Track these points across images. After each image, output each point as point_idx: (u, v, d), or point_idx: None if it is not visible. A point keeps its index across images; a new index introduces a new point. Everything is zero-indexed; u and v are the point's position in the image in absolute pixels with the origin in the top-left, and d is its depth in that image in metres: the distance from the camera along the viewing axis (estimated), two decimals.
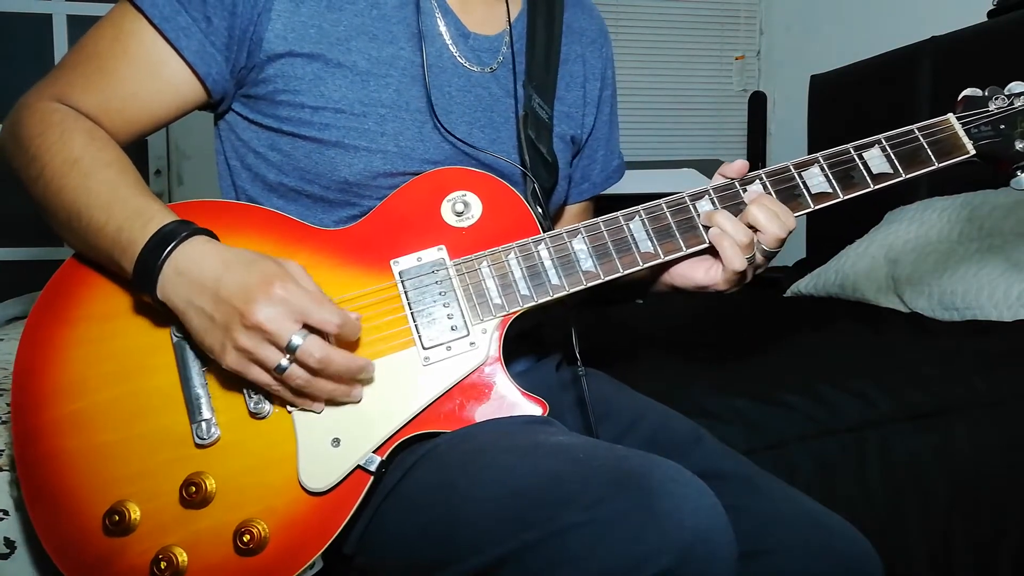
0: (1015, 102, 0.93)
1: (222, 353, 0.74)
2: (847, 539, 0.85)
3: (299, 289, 0.73)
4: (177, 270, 0.74)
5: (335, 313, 0.73)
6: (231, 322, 0.72)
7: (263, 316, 0.71)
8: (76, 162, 0.80)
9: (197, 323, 0.74)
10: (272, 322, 0.71)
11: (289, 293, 0.72)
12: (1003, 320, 1.70)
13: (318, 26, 0.87)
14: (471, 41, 0.96)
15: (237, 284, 0.72)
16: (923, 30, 2.38)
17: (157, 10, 0.83)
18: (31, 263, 2.90)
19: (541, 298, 0.85)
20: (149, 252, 0.75)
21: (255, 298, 0.71)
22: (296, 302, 0.72)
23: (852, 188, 0.90)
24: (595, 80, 1.09)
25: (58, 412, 0.79)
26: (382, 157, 0.88)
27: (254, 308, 0.71)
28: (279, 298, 0.71)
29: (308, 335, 0.72)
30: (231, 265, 0.74)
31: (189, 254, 0.75)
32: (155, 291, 0.75)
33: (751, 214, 0.87)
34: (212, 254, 0.75)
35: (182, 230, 0.76)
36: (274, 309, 0.71)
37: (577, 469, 0.70)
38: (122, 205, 0.78)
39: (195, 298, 0.74)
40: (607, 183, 1.16)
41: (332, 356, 0.73)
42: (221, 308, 0.72)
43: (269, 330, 0.71)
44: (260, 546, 0.75)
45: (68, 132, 0.82)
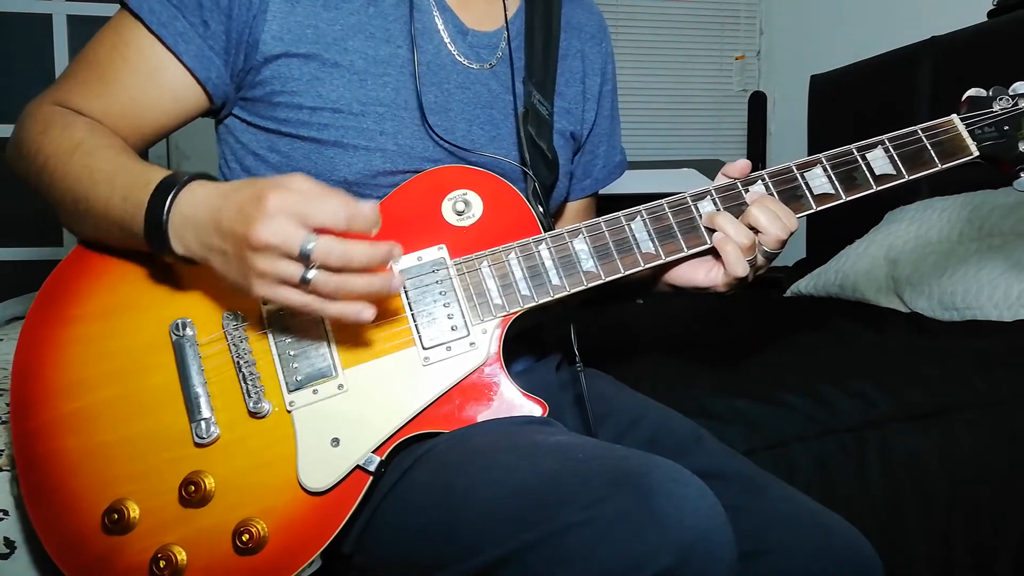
0: (1019, 103, 0.92)
1: (248, 284, 0.71)
2: (847, 539, 0.85)
3: (293, 194, 0.68)
4: (183, 216, 0.73)
5: (338, 206, 0.68)
6: (242, 250, 0.69)
7: (266, 232, 0.67)
8: (78, 146, 0.80)
9: (217, 263, 0.72)
10: (276, 235, 0.67)
11: (283, 201, 0.67)
12: (1003, 320, 1.70)
13: (314, 26, 0.86)
14: (469, 38, 0.96)
15: (234, 210, 0.70)
16: (923, 30, 2.38)
17: (155, 16, 0.84)
18: (31, 263, 2.90)
19: (542, 298, 0.85)
20: (153, 208, 0.74)
21: (252, 217, 0.68)
22: (293, 207, 0.67)
23: (855, 189, 0.89)
24: (595, 75, 1.09)
25: (57, 412, 0.79)
26: (382, 156, 0.88)
27: (255, 228, 0.67)
28: (275, 209, 0.67)
29: (319, 236, 0.68)
30: (224, 194, 0.72)
31: (189, 198, 0.73)
32: (171, 245, 0.74)
33: (752, 215, 0.86)
34: (207, 191, 0.73)
35: (180, 177, 0.75)
36: (274, 222, 0.67)
37: (577, 469, 0.70)
38: (124, 175, 0.78)
39: (205, 238, 0.72)
40: (609, 179, 1.16)
41: (351, 249, 0.69)
42: (228, 239, 0.70)
43: (276, 244, 0.67)
44: (259, 545, 0.75)
45: (70, 125, 0.82)
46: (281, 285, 0.70)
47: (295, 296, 0.70)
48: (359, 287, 0.71)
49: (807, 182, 0.89)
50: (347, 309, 0.72)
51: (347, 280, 0.70)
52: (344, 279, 0.70)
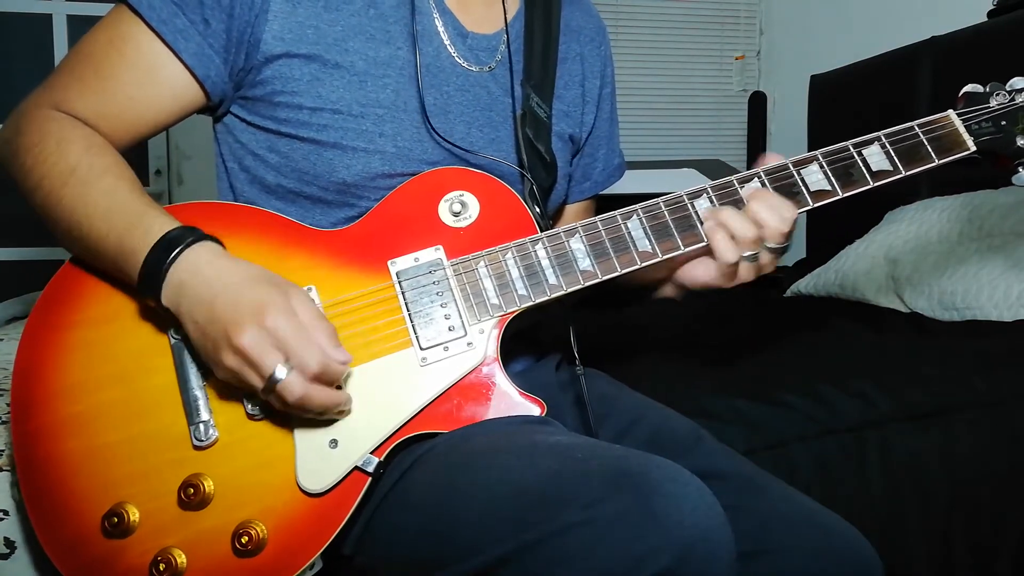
0: (1016, 98, 0.92)
1: (213, 367, 0.75)
2: (847, 539, 0.85)
3: (291, 323, 0.72)
4: (180, 280, 0.75)
5: (317, 357, 0.72)
6: (219, 341, 0.72)
7: (247, 343, 0.71)
8: (73, 171, 0.80)
9: (192, 333, 0.75)
10: (255, 350, 0.71)
11: (278, 325, 0.71)
12: (1003, 320, 1.70)
13: (315, 27, 0.86)
14: (469, 40, 0.96)
15: (231, 305, 0.72)
16: (923, 30, 2.37)
17: (155, 13, 0.83)
18: (31, 263, 2.90)
19: (539, 298, 0.85)
20: (152, 259, 0.75)
21: (244, 324, 0.71)
22: (283, 336, 0.71)
23: (851, 185, 0.89)
24: (594, 78, 1.09)
25: (57, 415, 0.79)
26: (380, 158, 0.88)
27: (240, 333, 0.71)
28: (268, 328, 0.71)
29: (292, 370, 0.71)
30: (231, 283, 0.74)
31: (191, 264, 0.75)
32: (160, 298, 0.76)
33: (751, 210, 0.86)
34: (215, 267, 0.75)
35: (187, 237, 0.76)
36: (259, 338, 0.71)
37: (576, 469, 0.70)
38: (122, 213, 0.78)
39: (192, 310, 0.74)
40: (608, 181, 1.16)
41: (311, 395, 0.73)
42: (213, 326, 0.73)
43: (251, 358, 0.71)
44: (259, 547, 0.75)
45: (65, 141, 0.82)
46: (240, 382, 0.74)
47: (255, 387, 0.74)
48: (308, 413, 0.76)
49: (804, 179, 0.89)
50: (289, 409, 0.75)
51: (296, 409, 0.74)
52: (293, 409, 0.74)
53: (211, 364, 0.75)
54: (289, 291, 0.75)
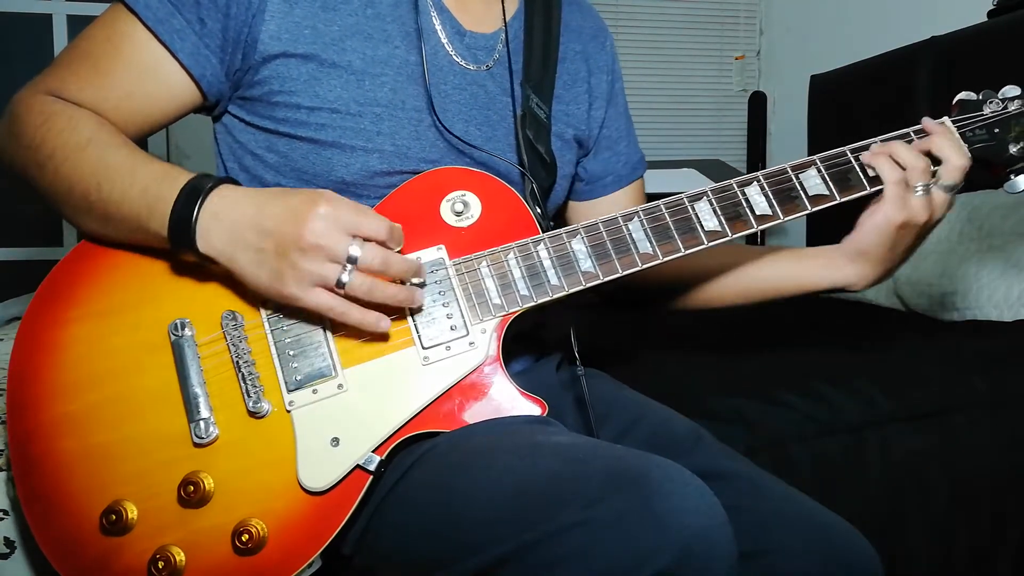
0: (1009, 106, 0.93)
1: (280, 283, 0.74)
2: (847, 539, 0.85)
3: (343, 204, 0.74)
4: (214, 215, 0.75)
5: (382, 221, 0.75)
6: (287, 248, 0.73)
7: (317, 234, 0.72)
8: (90, 141, 0.80)
9: (246, 261, 0.75)
10: (328, 238, 0.72)
11: (336, 209, 0.73)
12: (1003, 320, 1.70)
13: (312, 26, 0.86)
14: (467, 39, 0.96)
15: (281, 211, 0.74)
16: (923, 30, 2.37)
17: (151, 12, 0.83)
18: (31, 263, 2.90)
19: (540, 298, 0.85)
20: (182, 205, 0.76)
21: (305, 219, 0.72)
22: (345, 217, 0.73)
23: (849, 190, 0.90)
24: (602, 74, 1.09)
25: (54, 412, 0.79)
26: (379, 157, 0.88)
27: (307, 229, 0.72)
28: (328, 215, 0.72)
29: (364, 243, 0.73)
30: (266, 199, 0.75)
31: (222, 198, 0.76)
32: (195, 242, 0.75)
33: (935, 143, 0.89)
34: (247, 193, 0.77)
35: (209, 180, 0.77)
36: (326, 226, 0.72)
37: (576, 469, 0.70)
38: (145, 168, 0.79)
39: (239, 236, 0.74)
40: (633, 175, 1.14)
41: (391, 258, 0.75)
42: (271, 237, 0.73)
43: (326, 246, 0.72)
44: (259, 546, 0.75)
45: (75, 118, 0.82)
46: (315, 286, 0.74)
47: (325, 298, 0.74)
48: (387, 295, 0.77)
49: (802, 183, 0.90)
50: (366, 317, 0.77)
51: (379, 287, 0.75)
52: (376, 285, 0.75)
53: (275, 284, 0.74)
54: (319, 189, 0.76)
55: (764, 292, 1.04)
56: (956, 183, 0.89)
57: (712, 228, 0.88)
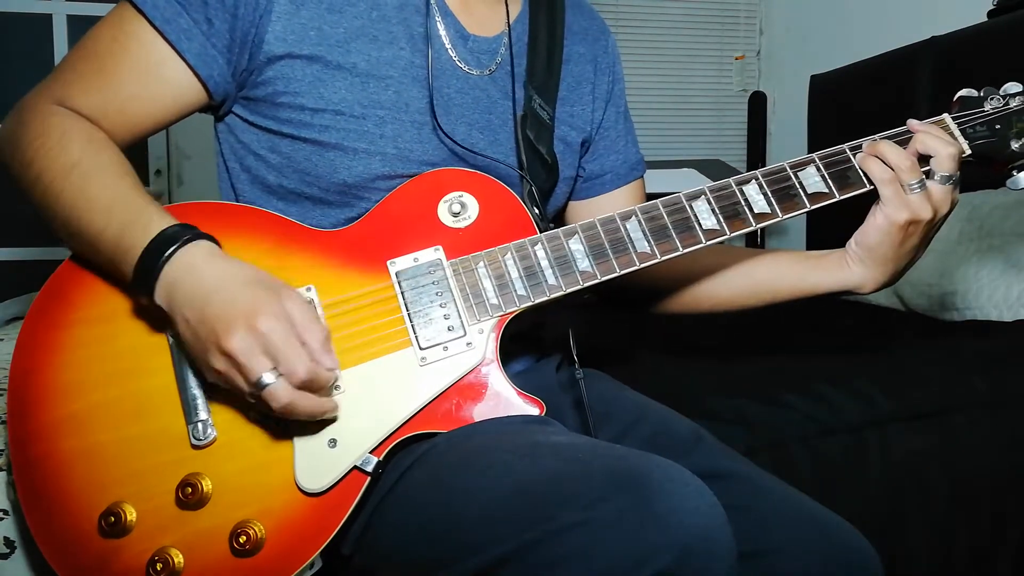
0: (1010, 102, 0.93)
1: (203, 368, 0.75)
2: (847, 539, 0.85)
3: (282, 328, 0.71)
4: (174, 277, 0.74)
5: (305, 365, 0.71)
6: (209, 343, 0.72)
7: (236, 346, 0.70)
8: (75, 166, 0.80)
9: (183, 331, 0.75)
10: (243, 354, 0.70)
11: (270, 330, 0.71)
12: (1003, 320, 1.70)
13: (318, 28, 0.86)
14: (470, 43, 0.96)
15: (223, 306, 0.72)
16: (923, 30, 2.37)
17: (158, 12, 0.83)
18: (31, 263, 2.90)
19: (538, 298, 0.84)
20: (148, 256, 0.75)
21: (234, 327, 0.70)
22: (273, 340, 0.71)
23: (848, 188, 0.90)
24: (604, 74, 1.09)
25: (53, 414, 0.79)
26: (381, 159, 0.88)
27: (230, 336, 0.70)
28: (257, 331, 0.70)
29: (279, 376, 0.71)
30: (224, 284, 0.74)
31: (187, 262, 0.75)
32: (152, 295, 0.75)
33: (920, 140, 0.89)
34: (210, 266, 0.75)
35: (183, 234, 0.76)
36: (248, 342, 0.70)
37: (576, 469, 0.70)
38: (122, 209, 0.78)
39: (184, 309, 0.74)
40: (631, 175, 1.13)
41: (296, 403, 0.72)
42: (203, 327, 0.72)
43: (240, 362, 0.70)
44: (257, 547, 0.75)
45: (67, 136, 0.81)
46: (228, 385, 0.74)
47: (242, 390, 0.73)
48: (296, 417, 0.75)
49: (800, 181, 0.90)
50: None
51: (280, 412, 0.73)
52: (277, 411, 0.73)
53: (200, 365, 0.75)
54: (283, 292, 0.74)
55: (769, 293, 1.03)
56: (951, 173, 0.88)
57: (710, 227, 0.88)
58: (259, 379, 0.70)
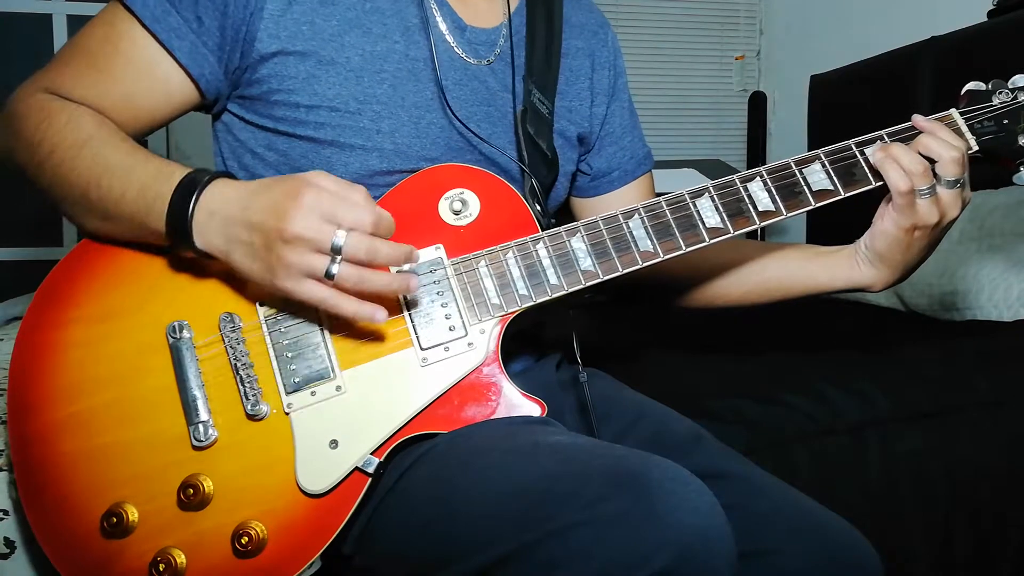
0: (1019, 96, 0.91)
1: (272, 276, 0.73)
2: (847, 539, 0.85)
3: (326, 193, 0.72)
4: (208, 211, 0.75)
5: (367, 211, 0.72)
6: (272, 242, 0.72)
7: (300, 226, 0.70)
8: (89, 138, 0.80)
9: (240, 256, 0.74)
10: (310, 230, 0.70)
11: (318, 199, 0.71)
12: (1003, 320, 1.70)
13: (310, 22, 0.86)
14: (468, 34, 0.95)
15: (265, 205, 0.72)
16: (923, 30, 2.37)
17: (148, 11, 0.83)
18: (31, 263, 2.90)
19: (540, 298, 0.84)
20: (178, 203, 0.75)
21: (287, 211, 0.71)
22: (328, 206, 0.71)
23: (854, 185, 0.89)
24: (604, 69, 1.08)
25: (54, 416, 0.79)
26: (378, 155, 0.88)
27: (288, 222, 0.70)
28: (309, 206, 0.71)
29: (349, 232, 0.71)
30: (254, 191, 0.74)
31: (215, 195, 0.75)
32: (192, 240, 0.75)
33: (923, 143, 0.87)
34: (236, 188, 0.76)
35: (203, 175, 0.76)
36: (308, 217, 0.71)
37: (576, 469, 0.70)
38: (143, 167, 0.79)
39: (231, 232, 0.74)
40: (639, 170, 1.13)
41: (378, 245, 0.73)
42: (258, 232, 0.72)
43: (309, 238, 0.70)
44: (259, 548, 0.75)
45: (76, 116, 0.82)
46: (306, 278, 0.72)
47: (317, 290, 0.73)
48: (380, 284, 0.74)
49: (805, 178, 0.89)
50: (362, 309, 0.74)
51: (369, 276, 0.73)
52: (366, 275, 0.73)
53: (268, 278, 0.73)
54: (306, 175, 0.74)
55: (780, 291, 1.03)
56: (957, 177, 0.86)
57: (714, 225, 0.87)
58: (333, 243, 0.71)
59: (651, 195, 1.15)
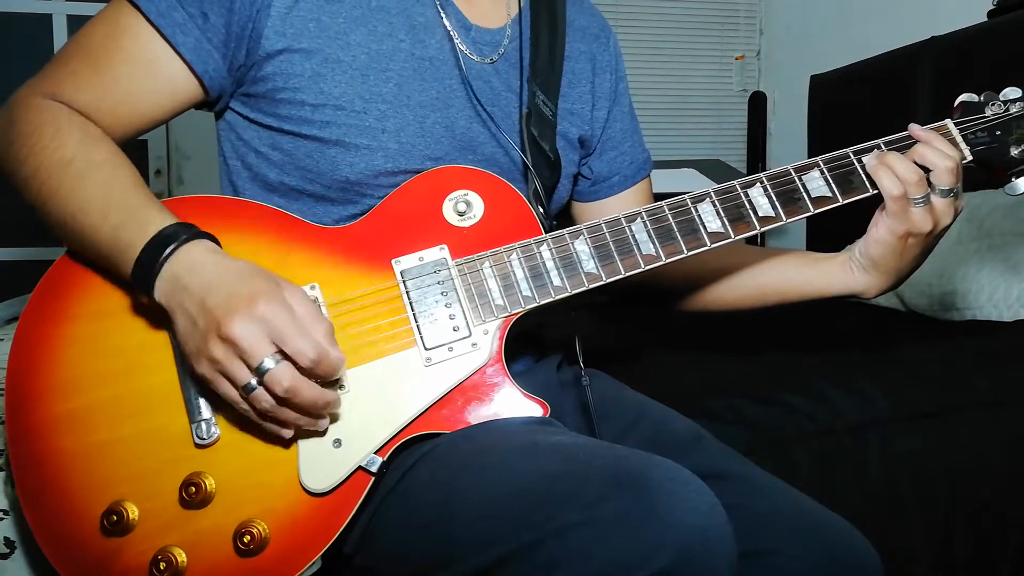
0: (1011, 108, 0.93)
1: (196, 360, 0.73)
2: (847, 539, 0.86)
3: (285, 312, 0.71)
4: (173, 275, 0.74)
5: (314, 346, 0.70)
6: (209, 330, 0.71)
7: (238, 331, 0.69)
8: (70, 163, 0.79)
9: (181, 325, 0.74)
10: (245, 339, 0.69)
11: (273, 314, 0.70)
12: (1003, 320, 1.70)
13: (316, 19, 0.86)
14: (472, 33, 0.95)
15: (224, 294, 0.71)
16: (923, 30, 2.37)
17: (153, 6, 0.83)
18: (31, 263, 2.90)
19: (543, 299, 0.84)
20: (147, 255, 0.74)
21: (236, 311, 0.70)
22: (277, 325, 0.70)
23: (851, 192, 0.90)
24: (606, 73, 1.08)
25: (52, 412, 0.79)
26: (383, 155, 0.88)
27: (232, 321, 0.69)
28: (259, 317, 0.70)
29: (282, 361, 0.70)
30: (225, 276, 0.73)
31: (186, 260, 0.74)
32: (152, 293, 0.75)
33: (918, 153, 0.88)
34: (210, 263, 0.74)
35: (181, 233, 0.75)
36: (251, 327, 0.69)
37: (576, 469, 0.70)
38: (118, 207, 0.78)
39: (184, 301, 0.73)
40: (638, 175, 1.13)
41: (300, 388, 0.71)
42: (204, 315, 0.71)
43: (242, 347, 0.69)
44: (260, 547, 0.75)
45: (61, 131, 0.81)
46: (223, 377, 0.72)
47: (230, 392, 0.73)
48: (289, 419, 0.74)
49: (804, 185, 0.90)
50: (265, 427, 0.75)
51: (280, 409, 0.73)
52: (279, 408, 0.72)
53: (193, 360, 0.73)
54: (283, 285, 0.74)
55: (776, 296, 1.04)
56: (951, 186, 0.87)
57: (715, 229, 0.88)
58: (260, 364, 0.69)
59: (650, 199, 1.15)
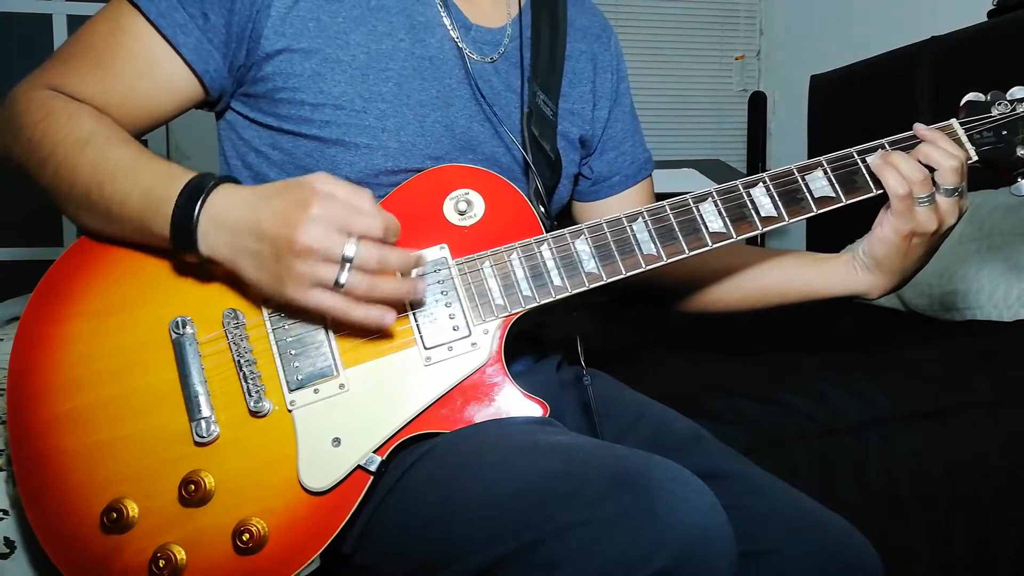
0: (1017, 107, 0.92)
1: (280, 286, 0.73)
2: (847, 539, 0.86)
3: (336, 202, 0.72)
4: (214, 219, 0.74)
5: (376, 218, 0.72)
6: (281, 253, 0.71)
7: (310, 237, 0.70)
8: (91, 138, 0.80)
9: (248, 264, 0.74)
10: (320, 240, 0.70)
11: (328, 208, 0.71)
12: (1003, 320, 1.70)
13: (316, 19, 0.86)
14: (473, 33, 0.95)
15: (274, 213, 0.72)
16: (923, 30, 2.37)
17: (153, 6, 0.83)
18: (31, 263, 2.90)
19: (543, 299, 0.84)
20: (183, 207, 0.75)
21: (296, 221, 0.70)
22: (337, 215, 0.71)
23: (855, 192, 0.89)
24: (607, 73, 1.08)
25: (53, 411, 0.79)
26: (383, 154, 0.88)
27: (299, 232, 0.70)
28: (319, 216, 0.70)
29: (359, 241, 0.71)
30: (262, 199, 0.74)
31: (220, 201, 0.75)
32: (197, 246, 0.75)
33: (923, 153, 0.87)
34: (242, 195, 0.75)
35: (209, 180, 0.76)
36: (318, 228, 0.70)
37: (576, 469, 0.70)
38: (147, 169, 0.78)
39: (238, 241, 0.74)
40: (639, 175, 1.13)
41: (388, 253, 0.73)
42: (266, 242, 0.72)
43: (319, 248, 0.70)
44: (259, 545, 0.75)
45: (76, 114, 0.81)
46: (314, 288, 0.72)
47: (326, 299, 0.73)
48: (388, 290, 0.74)
49: (807, 185, 0.89)
50: (371, 314, 0.75)
51: (379, 283, 0.73)
52: (376, 282, 0.73)
53: (277, 291, 0.73)
54: (312, 181, 0.74)
55: (778, 297, 1.04)
56: (955, 186, 0.87)
57: (717, 229, 0.87)
58: (344, 253, 0.71)
59: (651, 199, 1.15)
